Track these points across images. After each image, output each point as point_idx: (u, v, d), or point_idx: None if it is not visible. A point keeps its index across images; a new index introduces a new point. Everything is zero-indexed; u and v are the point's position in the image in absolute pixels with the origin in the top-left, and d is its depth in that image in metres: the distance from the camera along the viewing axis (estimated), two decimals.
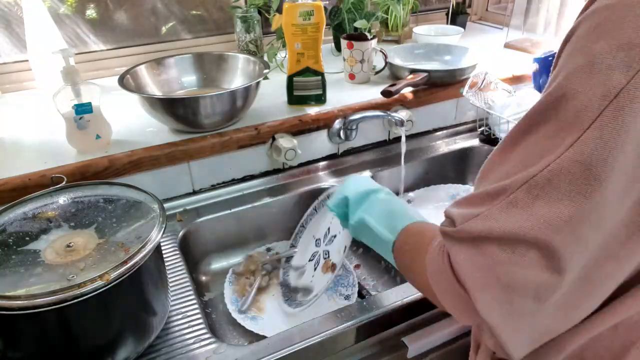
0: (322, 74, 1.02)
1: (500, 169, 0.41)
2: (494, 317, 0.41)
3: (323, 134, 1.04)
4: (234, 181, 1.00)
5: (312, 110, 1.02)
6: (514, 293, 0.39)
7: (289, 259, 0.94)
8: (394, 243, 0.58)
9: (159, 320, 0.66)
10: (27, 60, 1.14)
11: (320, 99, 1.05)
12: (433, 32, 1.47)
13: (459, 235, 0.42)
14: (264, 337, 0.75)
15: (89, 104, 0.84)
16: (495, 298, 0.40)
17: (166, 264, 0.77)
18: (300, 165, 1.05)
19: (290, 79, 1.02)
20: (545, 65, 1.11)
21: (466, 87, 1.10)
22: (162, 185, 0.92)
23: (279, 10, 1.12)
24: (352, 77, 1.16)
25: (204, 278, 0.95)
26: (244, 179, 1.00)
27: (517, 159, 0.40)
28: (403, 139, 1.00)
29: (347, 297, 0.87)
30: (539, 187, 0.37)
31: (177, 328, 0.69)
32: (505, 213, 0.39)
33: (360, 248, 1.02)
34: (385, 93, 1.02)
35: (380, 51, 1.16)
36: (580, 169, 0.36)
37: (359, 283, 0.91)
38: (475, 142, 1.19)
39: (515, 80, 1.22)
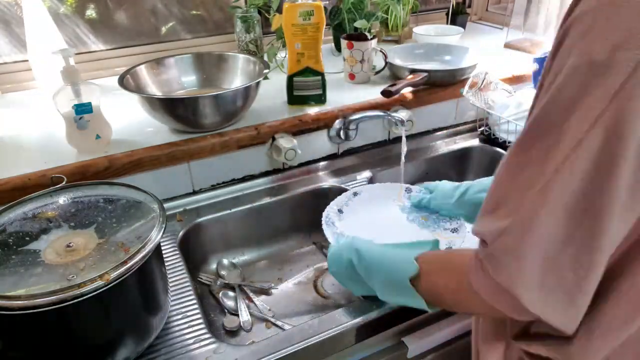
0: (322, 74, 1.02)
1: (517, 176, 0.43)
2: (541, 309, 0.43)
3: (323, 134, 1.04)
4: (234, 181, 0.99)
5: (312, 110, 1.02)
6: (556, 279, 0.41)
7: None
8: (417, 272, 0.58)
9: (159, 320, 0.66)
10: (27, 60, 1.14)
11: (320, 99, 1.05)
12: (433, 32, 1.47)
13: (493, 254, 0.44)
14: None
15: (89, 104, 0.84)
16: (538, 297, 0.42)
17: (166, 264, 0.77)
18: (300, 165, 1.04)
19: (290, 79, 1.02)
20: None
21: (466, 87, 1.10)
22: (162, 185, 0.92)
23: (279, 10, 1.12)
24: (352, 77, 1.16)
25: (204, 278, 0.94)
26: (244, 179, 1.00)
27: (523, 173, 0.42)
28: (403, 139, 1.00)
29: (454, 230, 0.84)
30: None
31: (177, 328, 0.69)
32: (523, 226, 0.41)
33: None
34: (385, 93, 1.02)
35: (380, 51, 1.16)
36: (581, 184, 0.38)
37: None
38: (475, 142, 1.19)
39: (515, 80, 1.22)
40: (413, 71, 1.10)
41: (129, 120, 0.98)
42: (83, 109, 0.84)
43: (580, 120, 0.37)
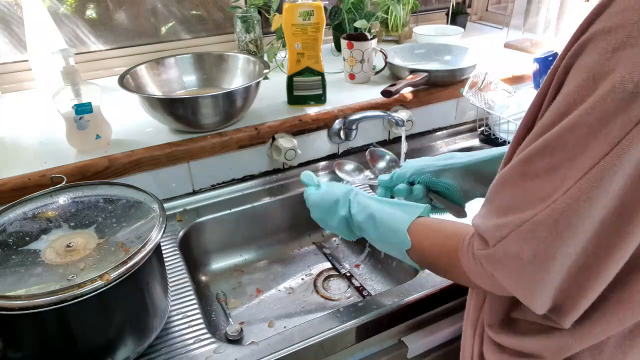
0: (322, 74, 1.02)
1: (522, 184, 0.42)
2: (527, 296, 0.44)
3: (323, 134, 1.04)
4: (234, 181, 0.99)
5: (312, 110, 1.02)
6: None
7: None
8: (410, 245, 0.59)
9: (159, 320, 0.66)
10: (27, 60, 1.15)
11: (320, 99, 1.05)
12: (433, 32, 1.47)
13: (494, 257, 0.44)
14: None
15: (89, 104, 0.84)
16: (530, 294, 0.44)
17: (166, 264, 0.77)
18: (300, 165, 1.04)
19: (290, 79, 1.02)
20: (545, 65, 1.11)
21: (466, 87, 1.10)
22: (162, 185, 0.92)
23: (279, 10, 1.12)
24: (352, 77, 1.16)
25: (204, 278, 0.94)
26: (244, 179, 1.00)
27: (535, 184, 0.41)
28: (403, 139, 1.00)
29: None
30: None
31: (177, 328, 0.69)
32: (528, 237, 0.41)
33: (361, 248, 1.02)
34: (385, 93, 1.02)
35: (380, 51, 1.16)
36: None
37: (359, 283, 0.92)
38: (475, 142, 1.19)
39: (515, 80, 1.22)
40: (413, 71, 1.10)
41: (129, 120, 0.98)
42: (83, 109, 0.84)
43: (600, 144, 0.36)
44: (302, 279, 0.94)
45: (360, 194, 0.68)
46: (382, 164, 0.89)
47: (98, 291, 0.53)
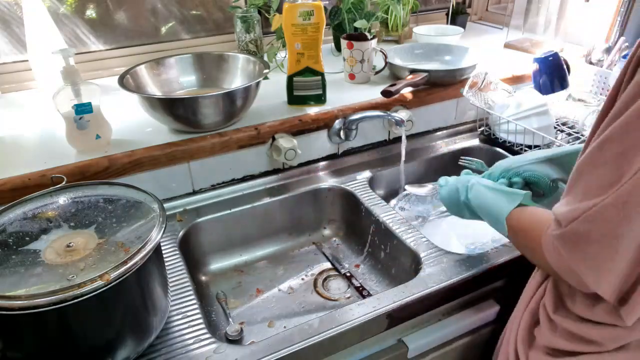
0: (322, 74, 1.02)
1: (594, 171, 0.46)
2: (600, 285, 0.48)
3: (323, 134, 1.04)
4: (234, 181, 0.99)
5: (312, 110, 1.02)
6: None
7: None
8: (507, 220, 0.65)
9: (159, 320, 0.66)
10: (27, 60, 1.15)
11: (320, 99, 1.05)
12: (433, 32, 1.47)
13: (565, 237, 0.48)
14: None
15: (89, 104, 0.85)
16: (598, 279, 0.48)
17: (166, 264, 0.77)
18: (300, 165, 1.04)
19: (290, 79, 1.02)
20: (545, 65, 1.11)
21: (466, 87, 1.10)
22: (162, 185, 0.92)
23: (279, 10, 1.12)
24: (352, 77, 1.16)
25: (204, 278, 0.95)
26: (244, 179, 1.00)
27: (607, 168, 0.45)
28: (403, 138, 1.00)
29: None
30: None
31: (177, 328, 0.69)
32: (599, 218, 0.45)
33: (361, 248, 1.02)
34: (385, 93, 1.02)
35: (380, 51, 1.16)
36: None
37: (359, 283, 0.92)
38: (475, 142, 1.19)
39: (515, 80, 1.22)
40: (413, 71, 1.10)
41: (129, 120, 0.98)
42: (83, 109, 0.84)
43: None
44: (302, 279, 0.94)
45: (478, 182, 0.72)
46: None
47: (98, 291, 0.53)
